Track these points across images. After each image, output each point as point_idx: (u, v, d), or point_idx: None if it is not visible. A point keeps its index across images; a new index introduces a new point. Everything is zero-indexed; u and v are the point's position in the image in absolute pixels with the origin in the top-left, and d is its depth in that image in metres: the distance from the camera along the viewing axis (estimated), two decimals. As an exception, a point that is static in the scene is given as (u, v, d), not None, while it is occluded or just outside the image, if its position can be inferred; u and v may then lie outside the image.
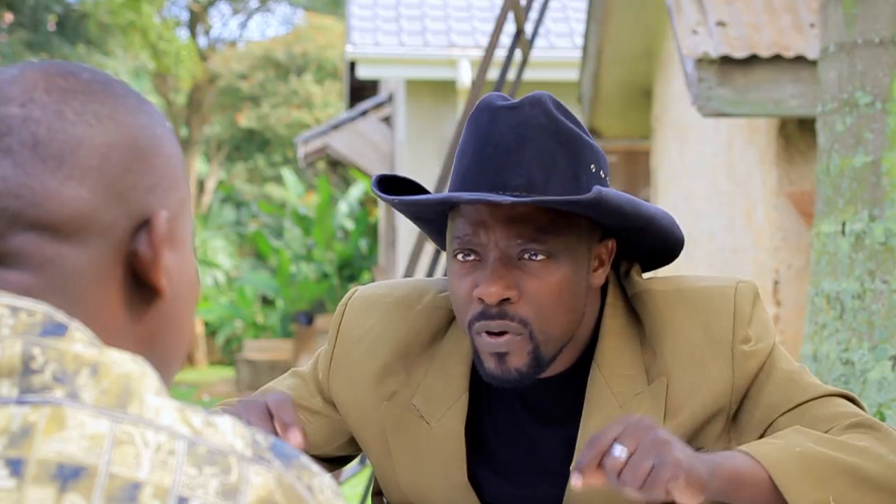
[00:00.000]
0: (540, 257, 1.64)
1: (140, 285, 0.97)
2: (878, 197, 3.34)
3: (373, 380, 1.80)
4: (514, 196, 1.60)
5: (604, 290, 1.77)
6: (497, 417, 1.78)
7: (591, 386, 1.73)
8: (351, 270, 17.93)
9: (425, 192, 1.76)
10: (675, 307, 1.74)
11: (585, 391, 1.75)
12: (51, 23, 19.36)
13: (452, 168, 1.71)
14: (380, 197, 1.72)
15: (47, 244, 0.93)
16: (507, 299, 1.64)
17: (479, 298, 1.64)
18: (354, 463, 6.43)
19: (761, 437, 1.72)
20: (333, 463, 1.93)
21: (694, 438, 1.72)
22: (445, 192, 1.65)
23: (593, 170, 1.67)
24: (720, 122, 6.94)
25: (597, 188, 1.59)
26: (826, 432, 1.68)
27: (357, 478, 8.70)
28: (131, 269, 0.96)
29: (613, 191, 1.62)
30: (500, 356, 1.66)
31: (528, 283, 1.64)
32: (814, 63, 5.48)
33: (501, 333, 1.65)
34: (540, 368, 1.68)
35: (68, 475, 0.84)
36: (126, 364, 0.90)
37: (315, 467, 0.91)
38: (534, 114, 1.65)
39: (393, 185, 1.75)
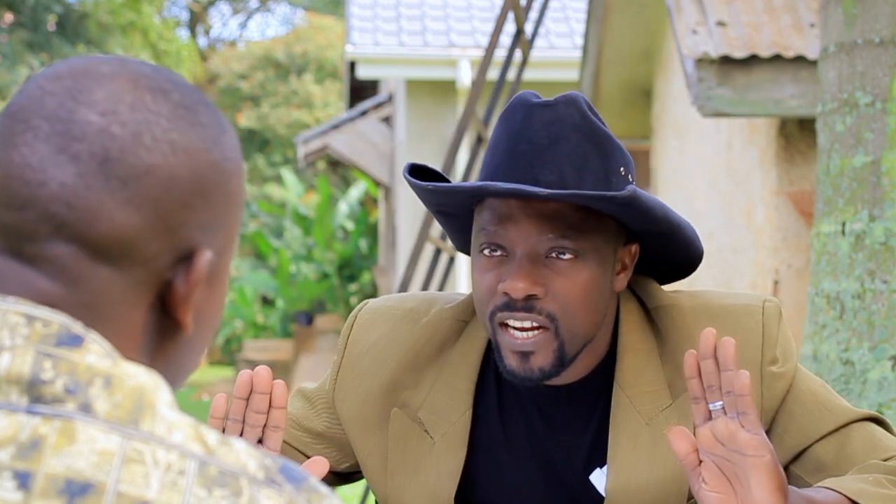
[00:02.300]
0: (568, 256, 1.63)
1: (166, 314, 0.95)
2: (878, 197, 3.34)
3: (380, 391, 1.79)
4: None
5: (617, 302, 1.76)
6: (511, 424, 1.77)
7: (615, 406, 1.71)
8: (351, 270, 17.92)
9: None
10: (703, 324, 1.73)
11: (604, 399, 1.73)
12: (51, 23, 19.36)
13: (483, 163, 1.69)
14: (412, 184, 1.69)
15: (86, 261, 0.91)
16: (533, 296, 1.63)
17: (505, 292, 1.63)
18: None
19: (794, 460, 1.72)
20: (344, 477, 1.92)
21: None
22: (475, 182, 1.63)
23: (622, 172, 1.66)
24: (720, 122, 6.94)
25: (631, 187, 1.59)
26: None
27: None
28: (161, 297, 0.94)
29: (645, 193, 1.61)
30: (524, 354, 1.64)
31: (555, 282, 1.63)
32: (814, 63, 5.48)
33: (528, 329, 1.64)
34: (562, 367, 1.66)
35: (76, 491, 0.83)
36: (140, 377, 0.89)
37: (324, 490, 0.90)
38: (568, 112, 1.64)
39: (422, 175, 1.74)
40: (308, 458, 1.86)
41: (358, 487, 8.58)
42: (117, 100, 0.92)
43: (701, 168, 7.45)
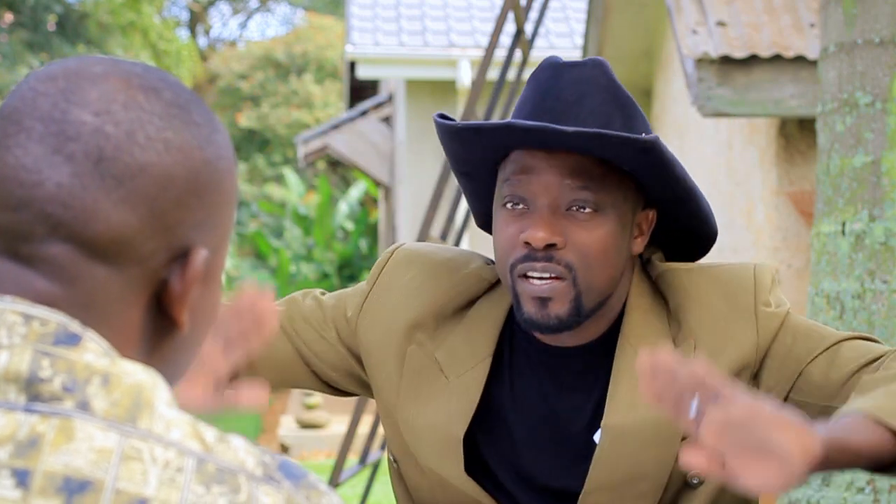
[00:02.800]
0: (588, 210, 1.68)
1: (162, 313, 0.95)
2: (878, 197, 3.34)
3: (403, 327, 1.82)
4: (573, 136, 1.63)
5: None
6: (518, 383, 1.80)
7: (619, 353, 1.75)
8: (351, 270, 17.93)
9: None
10: (698, 280, 1.78)
11: (612, 361, 1.77)
12: (51, 23, 19.37)
13: (510, 118, 1.73)
14: (441, 125, 1.73)
15: (83, 261, 0.91)
16: (553, 245, 1.67)
17: (526, 242, 1.67)
18: (354, 463, 6.42)
19: (792, 387, 1.74)
20: (329, 387, 1.93)
21: None
22: (502, 121, 1.66)
23: (643, 135, 1.70)
24: (720, 122, 6.94)
25: (655, 135, 1.64)
26: (867, 367, 1.70)
27: (357, 478, 8.70)
28: (157, 296, 0.94)
29: (667, 147, 1.66)
30: (542, 301, 1.68)
31: (575, 233, 1.68)
32: (814, 63, 5.48)
33: (546, 279, 1.68)
34: (579, 318, 1.70)
35: (74, 489, 0.83)
36: (138, 375, 0.89)
37: (323, 486, 0.91)
38: (594, 74, 1.70)
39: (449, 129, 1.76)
40: (300, 354, 1.87)
41: (358, 487, 8.58)
42: (110, 99, 0.93)
43: (701, 168, 7.45)
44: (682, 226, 1.81)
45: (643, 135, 1.70)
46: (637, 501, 1.74)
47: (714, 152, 7.23)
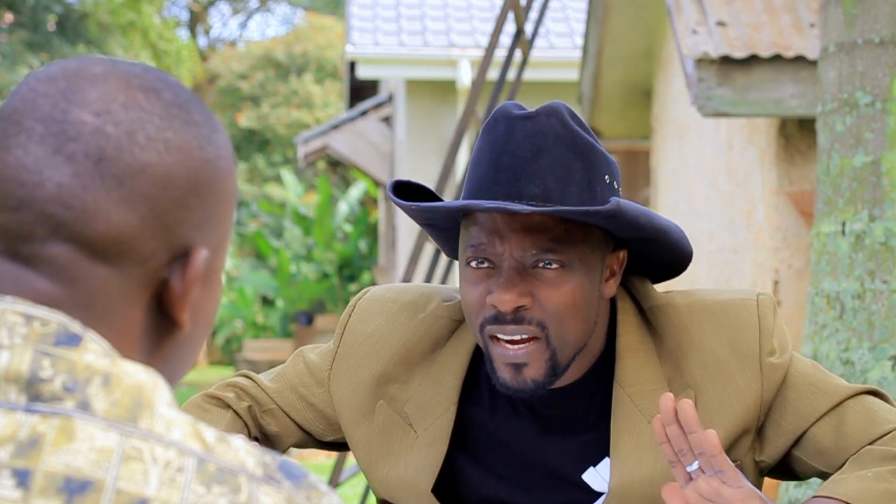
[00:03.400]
0: (554, 266, 1.64)
1: (162, 313, 0.95)
2: (878, 197, 3.34)
3: (371, 382, 1.82)
4: (531, 206, 1.61)
5: (612, 303, 1.78)
6: (502, 424, 1.78)
7: (615, 405, 1.73)
8: (351, 270, 17.93)
9: (439, 198, 1.77)
10: (700, 320, 1.75)
11: (598, 400, 1.75)
12: (51, 23, 19.36)
13: (466, 176, 1.71)
14: (396, 203, 1.72)
15: (84, 261, 0.91)
16: (521, 307, 1.65)
17: (493, 305, 1.65)
18: (354, 463, 6.43)
19: (795, 443, 1.74)
20: (327, 445, 1.95)
21: (727, 453, 1.72)
22: (462, 200, 1.65)
23: (607, 180, 1.68)
24: (720, 122, 6.94)
25: (615, 200, 1.60)
26: (877, 442, 1.70)
27: (357, 478, 8.70)
28: (158, 296, 0.95)
29: (629, 203, 1.63)
30: (517, 367, 1.66)
31: (543, 291, 1.65)
32: (814, 63, 5.48)
33: (519, 342, 1.65)
34: (555, 377, 1.68)
35: (75, 489, 0.83)
36: (138, 375, 0.89)
37: (323, 487, 0.91)
38: (550, 124, 1.65)
39: (406, 190, 1.76)
40: (296, 423, 1.90)
41: (358, 487, 8.59)
42: (110, 99, 0.93)
43: (701, 168, 7.45)
44: (655, 256, 1.78)
45: (609, 183, 1.67)
46: None
47: (714, 152, 7.23)
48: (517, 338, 1.65)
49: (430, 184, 9.63)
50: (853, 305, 3.36)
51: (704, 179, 7.38)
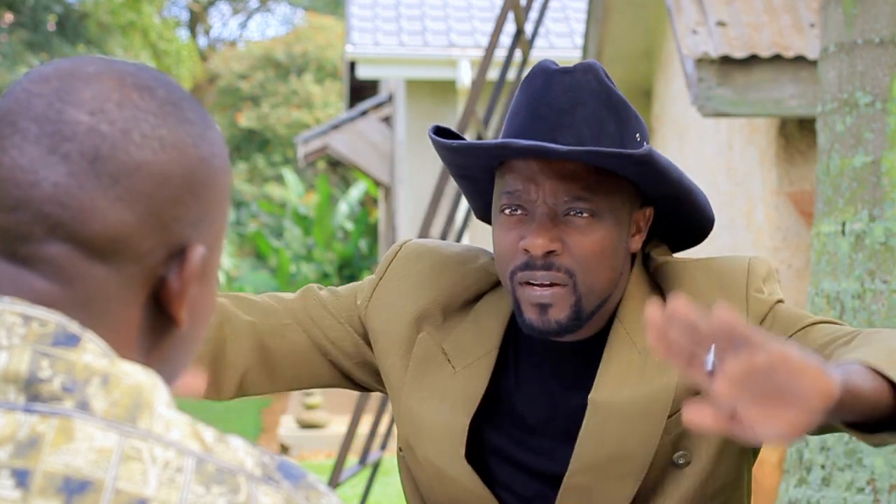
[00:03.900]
0: (585, 215, 1.70)
1: (160, 311, 0.95)
2: (878, 197, 3.34)
3: (411, 316, 1.85)
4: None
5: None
6: (522, 378, 1.82)
7: (612, 335, 1.78)
8: (351, 270, 17.93)
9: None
10: (694, 271, 1.81)
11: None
12: (51, 23, 19.37)
13: (503, 128, 1.76)
14: (437, 142, 1.76)
15: (81, 260, 0.91)
16: (551, 252, 1.70)
17: (525, 250, 1.70)
18: (354, 463, 6.42)
19: None
20: (348, 381, 1.93)
21: None
22: (498, 140, 1.69)
23: (638, 138, 1.74)
24: (720, 122, 6.94)
25: (648, 146, 1.66)
26: (836, 342, 1.70)
27: (357, 478, 8.71)
28: (155, 294, 0.95)
29: (660, 154, 1.68)
30: (543, 307, 1.71)
31: (573, 238, 1.70)
32: (814, 63, 5.48)
33: (548, 286, 1.70)
34: (579, 322, 1.73)
35: (74, 489, 0.83)
36: (137, 375, 0.89)
37: (323, 487, 0.91)
38: (586, 79, 1.71)
39: (446, 137, 1.80)
40: (315, 342, 1.87)
41: (358, 487, 8.58)
42: (105, 98, 0.93)
43: (701, 168, 7.45)
44: (679, 219, 1.84)
45: (640, 142, 1.73)
46: (621, 482, 1.75)
47: (714, 152, 7.23)
48: (546, 282, 1.70)
49: (430, 184, 9.63)
50: (853, 305, 3.36)
51: (704, 179, 7.38)
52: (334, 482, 5.66)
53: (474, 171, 1.80)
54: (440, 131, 1.79)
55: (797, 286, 6.13)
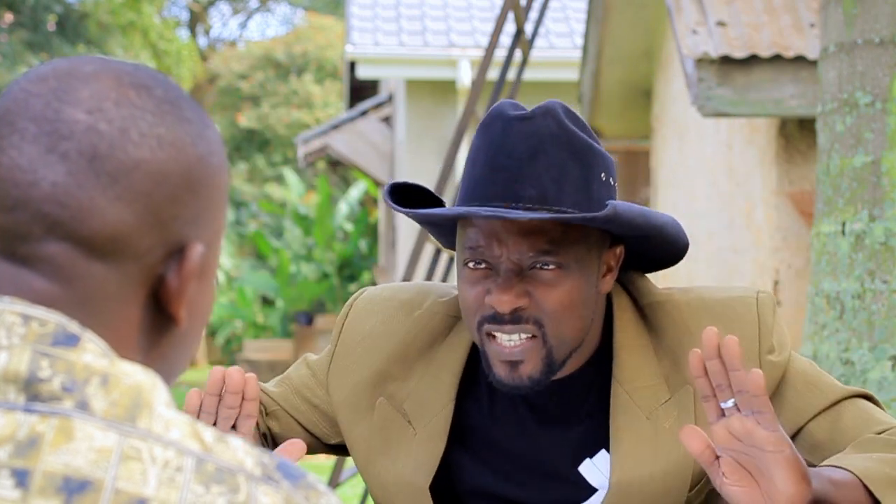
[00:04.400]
0: (551, 267, 1.66)
1: (159, 309, 0.96)
2: (878, 197, 3.34)
3: (370, 381, 1.83)
4: (528, 208, 1.62)
5: (608, 299, 1.79)
6: (499, 419, 1.80)
7: (614, 401, 1.74)
8: (351, 270, 17.93)
9: (437, 199, 1.78)
10: (700, 318, 1.76)
11: (600, 402, 1.76)
12: (51, 23, 19.36)
13: (463, 175, 1.71)
14: (393, 208, 1.73)
15: (80, 259, 0.91)
16: (519, 307, 1.66)
17: (491, 306, 1.66)
18: (354, 464, 6.42)
19: (792, 440, 1.73)
20: (333, 448, 1.96)
21: None
22: (457, 207, 1.66)
23: (603, 178, 1.69)
24: (720, 122, 6.94)
25: (611, 204, 1.60)
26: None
27: (357, 478, 8.70)
28: (154, 293, 0.95)
29: (626, 204, 1.63)
30: (513, 364, 1.67)
31: (540, 291, 1.66)
32: (814, 63, 5.48)
33: (516, 342, 1.67)
34: (551, 374, 1.69)
35: (74, 488, 0.83)
36: (137, 375, 0.89)
37: (322, 487, 0.91)
38: (546, 124, 1.66)
39: (404, 191, 1.77)
40: (300, 425, 1.91)
41: (358, 487, 8.59)
42: (102, 97, 0.93)
43: (701, 168, 7.45)
44: (650, 251, 1.79)
45: (606, 180, 1.68)
46: None
47: (714, 152, 7.23)
48: (515, 338, 1.67)
49: (430, 184, 9.63)
50: (853, 305, 3.36)
51: (704, 179, 7.38)
52: (334, 482, 5.65)
53: (437, 221, 1.77)
54: (396, 189, 1.75)
55: (797, 286, 6.13)
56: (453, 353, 1.81)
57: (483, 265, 1.67)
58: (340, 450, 1.96)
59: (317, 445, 1.95)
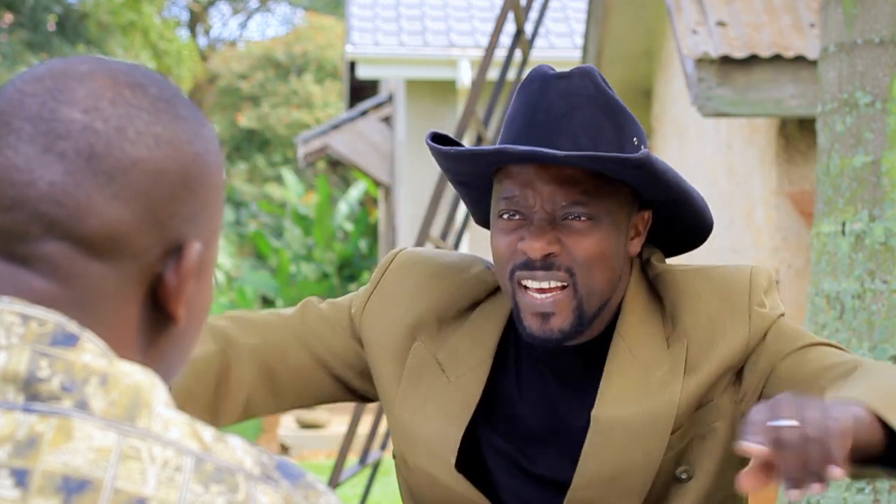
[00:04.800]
0: (583, 219, 1.70)
1: (158, 308, 0.96)
2: (878, 197, 3.34)
3: (407, 325, 1.84)
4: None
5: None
6: (524, 383, 1.82)
7: (612, 350, 1.78)
8: (351, 270, 17.93)
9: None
10: (695, 281, 1.81)
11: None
12: (51, 23, 19.37)
13: (500, 134, 1.76)
14: (434, 149, 1.76)
15: (78, 258, 0.91)
16: (551, 254, 1.69)
17: (524, 252, 1.70)
18: (354, 463, 6.43)
19: (765, 384, 1.76)
20: (350, 393, 1.93)
21: (707, 392, 1.77)
22: (496, 146, 1.69)
23: (635, 143, 1.73)
24: (720, 122, 6.94)
25: (645, 150, 1.66)
26: (831, 369, 1.72)
27: (357, 478, 8.71)
28: (152, 292, 0.95)
29: (658, 158, 1.68)
30: (544, 316, 1.71)
31: (572, 241, 1.70)
32: (814, 63, 5.48)
33: (547, 290, 1.70)
34: (581, 327, 1.73)
35: (73, 488, 0.83)
36: (136, 375, 0.89)
37: (321, 486, 0.91)
38: (583, 84, 1.71)
39: (444, 144, 1.79)
40: (318, 359, 1.87)
41: (358, 487, 8.59)
42: (98, 96, 0.93)
43: (701, 168, 7.45)
44: (678, 222, 1.83)
45: (637, 146, 1.72)
46: (624, 497, 1.76)
47: (714, 152, 7.23)
48: (546, 286, 1.70)
49: (430, 184, 9.63)
50: (853, 305, 3.36)
51: (704, 179, 7.38)
52: (334, 482, 5.65)
53: (472, 177, 1.80)
54: (437, 138, 1.78)
55: (797, 286, 6.13)
56: (493, 318, 1.83)
57: (517, 216, 1.72)
58: (356, 396, 1.93)
59: (327, 384, 1.89)
